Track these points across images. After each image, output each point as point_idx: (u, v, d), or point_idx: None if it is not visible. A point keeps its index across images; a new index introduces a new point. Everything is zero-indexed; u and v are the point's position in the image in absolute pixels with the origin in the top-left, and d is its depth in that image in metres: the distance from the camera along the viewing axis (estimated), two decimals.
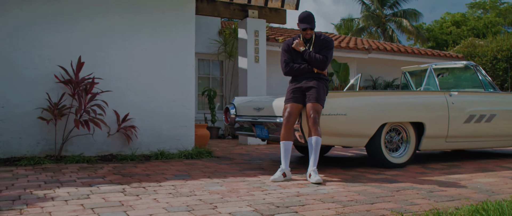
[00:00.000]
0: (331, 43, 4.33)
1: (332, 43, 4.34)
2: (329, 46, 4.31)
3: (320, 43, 4.32)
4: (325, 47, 4.30)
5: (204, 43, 11.07)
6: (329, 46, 4.31)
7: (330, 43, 4.32)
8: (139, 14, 6.21)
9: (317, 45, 4.32)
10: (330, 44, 4.32)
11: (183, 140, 6.41)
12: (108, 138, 5.96)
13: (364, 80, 12.95)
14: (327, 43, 4.31)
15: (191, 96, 6.51)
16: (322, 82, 4.25)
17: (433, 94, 5.30)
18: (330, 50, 4.30)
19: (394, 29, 29.48)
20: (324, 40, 4.33)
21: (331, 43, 4.33)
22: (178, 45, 6.46)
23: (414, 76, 6.85)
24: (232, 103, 5.66)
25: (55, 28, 5.74)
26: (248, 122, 5.17)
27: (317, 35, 4.41)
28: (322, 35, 4.40)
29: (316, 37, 4.38)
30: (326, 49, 4.29)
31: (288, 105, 4.18)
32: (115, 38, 6.06)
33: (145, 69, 6.23)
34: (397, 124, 4.94)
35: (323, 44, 4.31)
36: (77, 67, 5.56)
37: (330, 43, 4.32)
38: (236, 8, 8.29)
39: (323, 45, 4.31)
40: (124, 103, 6.06)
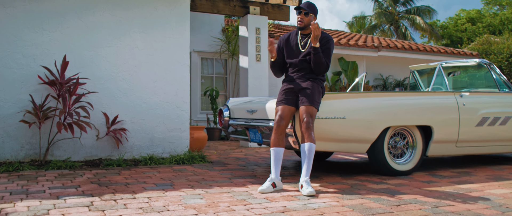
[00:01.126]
0: (331, 43, 3.93)
1: (332, 44, 3.94)
2: (329, 48, 3.90)
3: (320, 42, 3.93)
4: (325, 49, 3.88)
5: (207, 41, 10.75)
6: (329, 48, 3.90)
7: (330, 44, 3.92)
8: (130, 11, 5.88)
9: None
10: (330, 45, 3.92)
11: (177, 144, 6.08)
12: (97, 141, 5.66)
13: (374, 79, 12.49)
14: (327, 44, 3.90)
15: (186, 97, 6.18)
16: (317, 82, 3.86)
17: (442, 95, 4.88)
18: (330, 53, 3.90)
19: (408, 26, 28.85)
20: (324, 39, 3.93)
21: (331, 44, 3.93)
22: (172, 43, 6.13)
23: (423, 75, 6.42)
24: (226, 105, 5.31)
25: (40, 26, 5.45)
26: (242, 126, 4.81)
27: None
28: (322, 33, 4.02)
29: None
30: (327, 53, 3.88)
31: (279, 108, 3.81)
32: (104, 36, 5.75)
33: (137, 69, 5.91)
34: (402, 128, 4.54)
35: (323, 43, 3.90)
36: (61, 66, 5.25)
37: (330, 44, 3.92)
38: (236, 4, 7.93)
39: (322, 45, 3.89)
40: (114, 104, 5.75)
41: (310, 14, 3.91)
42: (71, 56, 5.54)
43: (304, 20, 3.90)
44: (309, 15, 3.91)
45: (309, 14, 3.91)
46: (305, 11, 3.89)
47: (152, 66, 5.99)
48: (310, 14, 3.91)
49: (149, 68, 5.98)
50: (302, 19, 3.90)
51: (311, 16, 3.93)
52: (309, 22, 3.93)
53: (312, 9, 3.92)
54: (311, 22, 3.95)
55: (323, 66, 3.81)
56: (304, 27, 3.92)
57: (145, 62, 5.96)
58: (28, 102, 5.28)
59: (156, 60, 6.02)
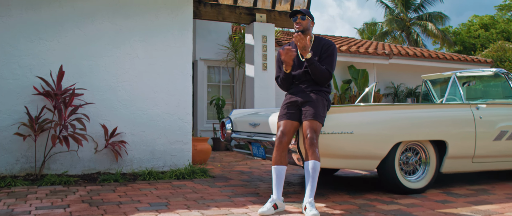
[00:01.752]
0: (333, 49, 3.68)
1: (335, 50, 3.69)
2: (332, 55, 3.66)
3: (320, 48, 3.69)
4: (327, 56, 3.64)
5: (213, 49, 10.55)
6: (332, 55, 3.66)
7: (333, 50, 3.68)
8: (130, 19, 5.69)
9: (316, 50, 3.69)
10: (333, 51, 3.67)
11: (179, 156, 5.86)
12: (95, 154, 5.45)
13: (385, 87, 12.19)
14: (329, 50, 3.66)
15: (188, 108, 5.95)
16: (321, 95, 3.61)
17: (457, 107, 4.59)
18: (333, 59, 3.65)
19: (419, 33, 28.43)
20: (326, 45, 3.69)
21: (333, 50, 3.68)
22: (174, 52, 5.92)
23: (436, 85, 6.12)
24: (228, 117, 5.07)
25: (37, 35, 5.27)
26: (244, 139, 4.57)
27: (317, 38, 3.78)
28: (323, 39, 3.77)
29: (315, 40, 3.75)
30: (329, 59, 3.63)
31: (281, 123, 3.56)
32: (103, 45, 5.56)
33: (137, 79, 5.70)
34: (414, 143, 4.26)
35: (324, 50, 3.67)
36: (57, 77, 5.07)
37: (332, 50, 3.67)
38: (242, 12, 7.72)
39: (324, 52, 3.66)
40: (113, 116, 5.54)
41: (307, 17, 3.68)
42: (69, 66, 5.35)
43: (302, 23, 3.66)
44: (306, 18, 3.67)
45: (305, 17, 3.67)
46: (301, 15, 3.65)
47: (153, 76, 5.78)
48: (307, 16, 3.67)
49: (150, 78, 5.77)
50: (300, 23, 3.66)
51: (308, 19, 3.69)
52: (308, 25, 3.69)
53: (307, 12, 3.68)
54: (310, 26, 3.71)
55: (323, 75, 3.56)
56: (303, 31, 3.68)
57: (146, 72, 5.75)
58: (23, 114, 5.09)
59: (157, 69, 5.81)
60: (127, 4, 5.67)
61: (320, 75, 3.56)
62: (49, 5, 5.33)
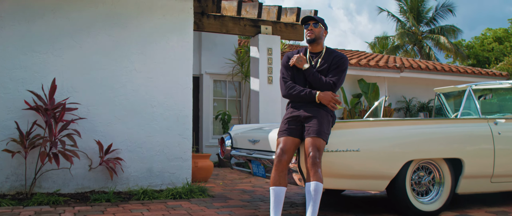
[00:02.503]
0: (344, 62, 3.39)
1: (345, 63, 3.40)
2: (341, 67, 3.37)
3: (330, 61, 3.40)
4: (336, 67, 3.37)
5: (219, 63, 10.30)
6: (341, 67, 3.37)
7: (343, 63, 3.39)
8: (128, 31, 5.47)
9: (326, 62, 3.40)
10: (343, 64, 3.38)
11: (179, 174, 5.57)
12: (89, 172, 5.19)
13: (396, 101, 11.83)
14: (340, 62, 3.38)
15: (188, 124, 5.68)
16: (326, 110, 3.31)
17: (473, 122, 4.25)
18: (341, 72, 3.37)
19: (431, 46, 28.02)
20: (337, 57, 3.40)
21: (344, 63, 3.39)
22: (174, 65, 5.67)
23: (450, 99, 5.78)
24: (228, 133, 4.78)
25: (30, 47, 5.06)
26: (244, 157, 4.27)
27: (329, 50, 3.49)
28: (335, 52, 3.48)
29: (326, 52, 3.47)
30: (337, 71, 3.36)
31: (281, 140, 3.27)
32: (100, 58, 5.33)
33: (135, 93, 5.45)
34: (426, 161, 3.92)
35: (334, 62, 3.38)
36: (49, 91, 4.84)
37: (343, 63, 3.39)
38: (247, 23, 7.48)
39: (334, 64, 3.38)
40: (109, 131, 5.29)
41: (320, 24, 3.39)
42: (63, 79, 5.13)
43: (314, 31, 3.39)
44: (319, 26, 3.40)
45: (318, 25, 3.39)
46: (313, 22, 3.38)
47: (151, 90, 5.53)
48: (320, 24, 3.39)
49: (148, 92, 5.52)
50: (312, 31, 3.39)
51: (321, 27, 3.41)
52: (320, 34, 3.41)
53: (321, 19, 3.40)
54: (322, 35, 3.43)
55: (324, 86, 3.29)
56: (315, 40, 3.41)
57: (144, 85, 5.51)
58: (14, 130, 4.86)
59: (156, 83, 5.56)
60: (124, 15, 5.46)
61: (321, 85, 3.29)
62: (43, 17, 5.13)
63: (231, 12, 7.05)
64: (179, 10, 5.73)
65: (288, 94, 3.45)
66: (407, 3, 29.13)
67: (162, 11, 5.65)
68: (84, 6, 5.29)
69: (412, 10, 28.87)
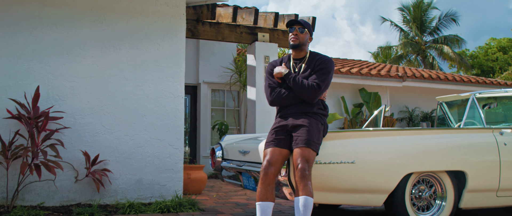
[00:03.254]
0: (328, 64, 3.19)
1: (330, 65, 3.19)
2: (325, 69, 3.17)
3: (314, 64, 3.19)
4: (319, 69, 3.16)
5: (217, 72, 10.11)
6: (325, 69, 3.17)
7: (327, 65, 3.18)
8: (117, 37, 5.27)
9: (310, 65, 3.19)
10: (327, 66, 3.18)
11: (169, 186, 5.34)
12: (75, 184, 4.97)
13: (399, 111, 11.57)
14: (323, 64, 3.18)
15: (180, 134, 5.46)
16: (316, 118, 3.09)
17: (477, 132, 4.01)
18: (325, 74, 3.15)
19: (435, 56, 27.79)
20: (320, 60, 3.21)
21: (328, 65, 3.19)
22: (165, 73, 5.46)
23: (453, 108, 5.54)
24: (219, 143, 4.56)
25: (15, 54, 4.87)
26: (234, 169, 4.04)
27: (312, 54, 3.28)
28: (319, 54, 3.28)
29: (310, 56, 3.26)
30: (320, 72, 3.14)
31: (268, 151, 3.04)
32: (87, 65, 5.13)
33: (124, 102, 5.25)
34: (427, 174, 3.67)
35: (317, 64, 3.18)
36: (33, 99, 4.63)
37: (327, 65, 3.18)
38: (243, 31, 7.29)
39: (317, 66, 3.17)
40: (96, 142, 5.07)
41: (306, 30, 3.19)
42: (49, 87, 4.93)
43: (299, 36, 3.19)
44: (305, 32, 3.19)
45: (304, 30, 3.19)
46: (299, 27, 3.17)
47: (141, 98, 5.33)
48: (305, 30, 3.19)
49: (138, 101, 5.31)
50: (297, 36, 3.19)
51: (306, 33, 3.20)
52: (305, 40, 3.21)
53: (307, 24, 3.20)
54: (307, 41, 3.22)
55: (304, 89, 3.10)
56: (299, 45, 3.21)
57: (134, 94, 5.30)
58: None
59: (146, 91, 5.35)
60: (113, 21, 5.27)
61: (303, 89, 3.09)
62: (28, 22, 4.94)
63: (227, 19, 6.87)
64: (171, 16, 5.54)
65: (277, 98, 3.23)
66: (410, 12, 28.98)
67: (154, 17, 5.46)
68: (72, 12, 5.10)
69: (416, 19, 28.70)
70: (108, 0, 5.24)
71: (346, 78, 10.32)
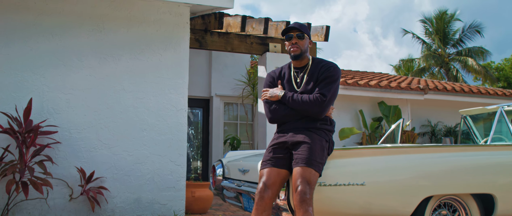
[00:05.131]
0: (333, 72, 2.81)
1: (335, 73, 2.81)
2: (331, 78, 2.79)
3: (317, 73, 2.82)
4: (324, 79, 2.78)
5: (230, 85, 9.80)
6: (331, 78, 2.79)
7: (333, 73, 2.81)
8: (116, 46, 5.00)
9: (313, 74, 2.82)
10: (333, 74, 2.80)
11: (171, 205, 5.00)
12: (70, 202, 4.68)
13: (421, 125, 11.04)
14: (328, 72, 2.80)
15: (182, 149, 5.13)
16: (320, 134, 2.71)
17: (507, 150, 3.55)
18: (331, 83, 2.77)
19: (459, 69, 27.00)
20: (324, 67, 2.83)
21: (333, 73, 2.81)
22: (167, 85, 5.17)
23: (478, 122, 5.07)
24: (219, 160, 4.20)
25: (9, 65, 4.64)
26: (233, 189, 3.67)
27: (316, 61, 2.91)
28: (323, 61, 2.91)
29: (313, 64, 2.89)
30: (326, 82, 2.77)
31: (264, 171, 2.67)
32: (85, 76, 4.87)
33: (123, 115, 4.96)
34: (450, 197, 3.24)
35: (321, 73, 2.80)
36: (24, 112, 4.37)
37: (332, 73, 2.80)
38: (254, 41, 6.95)
39: (321, 75, 2.80)
40: (93, 158, 4.78)
41: (305, 35, 2.83)
42: (44, 99, 4.68)
43: (299, 44, 2.83)
44: (305, 38, 2.83)
45: (304, 36, 2.82)
46: (297, 33, 2.81)
47: (141, 111, 5.03)
48: (305, 35, 2.82)
49: (138, 114, 5.01)
50: (297, 45, 2.82)
51: (306, 38, 2.84)
52: (306, 47, 2.85)
53: (304, 27, 2.84)
54: (307, 48, 2.86)
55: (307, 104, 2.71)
56: (301, 54, 2.84)
57: (133, 106, 5.00)
58: None
59: (147, 104, 5.06)
60: (113, 31, 5.01)
61: (307, 107, 2.71)
62: (23, 32, 4.71)
63: (236, 29, 6.55)
64: (174, 24, 5.26)
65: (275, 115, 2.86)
66: (433, 24, 28.35)
67: (155, 26, 5.18)
68: (69, 21, 4.86)
69: (438, 31, 28.04)
70: (107, 8, 4.99)
71: (364, 91, 9.88)
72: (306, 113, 2.73)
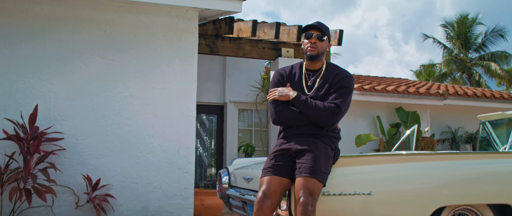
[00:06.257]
0: (350, 83, 2.68)
1: (351, 83, 2.67)
2: (347, 88, 2.65)
3: (332, 79, 2.68)
4: (339, 88, 2.64)
5: (245, 91, 9.69)
6: (347, 88, 2.65)
7: (349, 83, 2.67)
8: (124, 53, 4.95)
9: (327, 81, 2.68)
10: (349, 85, 2.67)
11: (178, 213, 4.90)
12: (76, 210, 4.62)
13: (441, 132, 10.73)
14: (343, 81, 2.66)
15: (190, 156, 5.03)
16: (326, 141, 2.57)
17: None
18: (346, 94, 2.63)
19: (482, 73, 26.40)
20: (339, 75, 2.69)
21: (350, 83, 2.67)
22: (175, 90, 5.09)
23: (498, 127, 4.83)
24: (226, 168, 4.08)
25: (16, 71, 4.62)
26: (238, 198, 3.54)
27: (330, 66, 2.77)
28: (338, 68, 2.76)
29: (327, 69, 2.75)
30: (341, 92, 2.62)
31: (264, 180, 2.54)
32: (92, 82, 4.82)
33: (130, 122, 4.89)
34: (465, 208, 3.04)
35: (336, 81, 2.67)
36: (29, 119, 4.33)
37: (349, 83, 2.67)
38: (266, 46, 6.84)
39: (336, 83, 2.67)
40: (99, 165, 4.72)
41: (326, 38, 2.69)
42: (50, 106, 4.64)
43: (318, 45, 2.69)
44: (325, 40, 2.69)
45: (325, 38, 2.69)
46: (318, 34, 2.67)
47: (148, 118, 4.95)
48: (325, 37, 2.69)
49: (145, 121, 4.94)
50: (315, 45, 2.68)
51: (326, 41, 2.71)
52: (324, 49, 2.71)
53: (327, 29, 2.71)
54: (325, 51, 2.72)
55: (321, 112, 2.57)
56: (317, 56, 2.70)
57: (140, 113, 4.93)
58: None
59: (154, 110, 4.98)
60: (120, 36, 4.96)
61: (320, 114, 2.56)
62: (30, 39, 4.69)
63: (247, 34, 6.45)
64: (183, 30, 5.18)
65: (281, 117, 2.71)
66: (454, 29, 27.83)
67: (163, 31, 5.11)
68: (76, 27, 4.83)
69: (460, 36, 27.50)
70: (115, 14, 4.94)
71: (381, 96, 9.65)
72: (316, 121, 2.59)
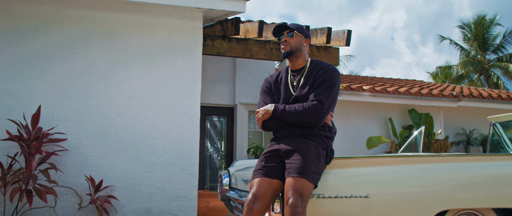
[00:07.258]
0: (332, 76, 2.59)
1: (333, 76, 2.59)
2: (329, 82, 2.57)
3: (314, 76, 2.61)
4: (322, 82, 2.57)
5: (254, 92, 9.62)
6: (329, 82, 2.57)
7: (331, 77, 2.59)
8: (127, 53, 4.94)
9: (309, 79, 2.61)
10: (331, 78, 2.58)
11: (182, 215, 4.85)
12: (79, 211, 4.61)
13: (455, 134, 10.52)
14: (325, 76, 2.59)
15: (194, 158, 4.99)
16: (316, 141, 2.49)
17: None
18: (329, 88, 2.55)
19: (500, 75, 25.91)
20: (321, 70, 2.62)
21: (331, 77, 2.59)
22: (179, 91, 5.06)
23: (508, 129, 4.68)
24: (227, 170, 4.03)
25: (20, 72, 4.64)
26: (238, 200, 3.48)
27: (314, 63, 2.71)
28: (321, 63, 2.69)
29: (311, 66, 2.68)
30: (323, 87, 2.55)
31: (254, 182, 2.48)
32: (95, 83, 4.82)
33: (133, 123, 4.87)
34: (468, 212, 2.93)
35: (318, 77, 2.59)
36: (32, 119, 4.34)
37: (330, 77, 2.59)
38: (273, 47, 6.78)
39: (318, 78, 2.60)
40: (103, 166, 4.71)
41: (297, 33, 2.63)
42: (54, 107, 4.65)
43: (289, 42, 2.64)
44: (296, 35, 2.63)
45: (294, 34, 2.62)
46: (288, 32, 2.62)
47: (152, 119, 4.93)
48: (296, 33, 2.62)
49: (149, 122, 4.91)
50: (287, 42, 2.63)
51: (299, 36, 2.64)
52: (298, 45, 2.65)
53: (298, 27, 2.64)
54: (302, 46, 2.66)
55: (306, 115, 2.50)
56: (292, 52, 2.65)
57: (144, 114, 4.91)
58: None
59: (158, 111, 4.95)
60: (124, 37, 4.94)
61: (302, 117, 2.50)
62: (35, 40, 4.71)
63: (253, 35, 6.40)
64: (187, 30, 5.15)
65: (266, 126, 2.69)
66: (471, 30, 27.39)
67: (167, 32, 5.08)
68: (80, 27, 4.83)
69: (477, 37, 27.04)
70: (119, 15, 4.93)
71: (393, 98, 9.50)
72: (301, 124, 2.52)
